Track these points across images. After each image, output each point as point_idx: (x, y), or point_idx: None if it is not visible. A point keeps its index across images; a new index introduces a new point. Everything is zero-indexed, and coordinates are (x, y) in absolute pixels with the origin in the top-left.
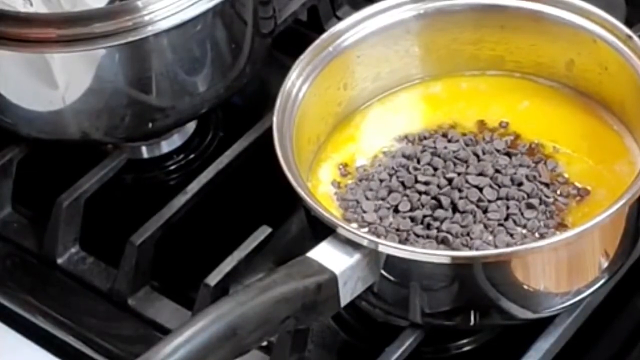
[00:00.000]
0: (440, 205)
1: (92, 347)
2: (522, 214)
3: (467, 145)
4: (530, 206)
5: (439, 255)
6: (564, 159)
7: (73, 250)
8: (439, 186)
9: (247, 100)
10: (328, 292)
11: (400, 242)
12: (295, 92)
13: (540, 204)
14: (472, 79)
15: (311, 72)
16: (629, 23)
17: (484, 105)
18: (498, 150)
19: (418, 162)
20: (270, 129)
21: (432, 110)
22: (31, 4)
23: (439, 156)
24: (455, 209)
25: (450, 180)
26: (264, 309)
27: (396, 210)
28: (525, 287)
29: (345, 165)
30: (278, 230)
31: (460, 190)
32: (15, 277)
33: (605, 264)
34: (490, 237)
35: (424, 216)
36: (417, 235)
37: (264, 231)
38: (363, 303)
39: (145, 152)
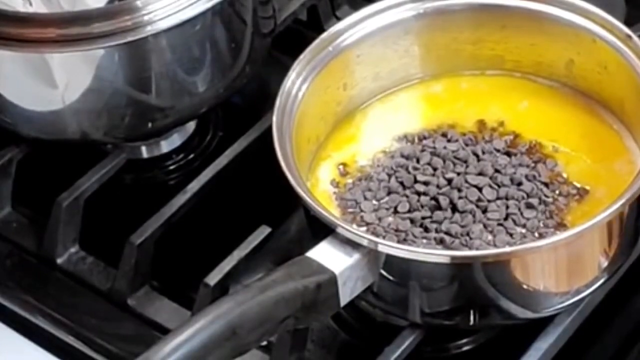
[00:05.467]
0: (439, 206)
1: (92, 347)
2: (521, 213)
3: (466, 145)
4: (529, 206)
5: (439, 255)
6: (563, 159)
7: (73, 250)
8: (438, 186)
9: (247, 100)
10: (327, 291)
11: (399, 242)
12: (295, 92)
13: (539, 203)
14: (472, 79)
15: (311, 71)
16: (628, 23)
17: (484, 105)
18: (497, 150)
19: (417, 161)
20: (270, 129)
21: (432, 110)
22: (31, 4)
23: (438, 156)
24: (454, 208)
25: (449, 180)
26: (264, 308)
27: (395, 211)
28: (525, 286)
29: (345, 164)
30: (277, 230)
31: (459, 190)
32: (15, 277)
33: (604, 264)
34: (490, 237)
35: (423, 217)
36: (416, 236)
37: (263, 231)
38: (362, 303)
39: (144, 152)
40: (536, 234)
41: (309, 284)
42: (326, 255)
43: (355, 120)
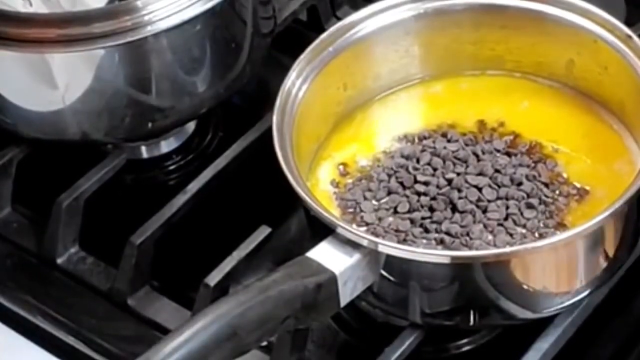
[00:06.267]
0: (439, 206)
1: (92, 347)
2: (521, 213)
3: (466, 145)
4: (529, 206)
5: (439, 255)
6: (563, 159)
7: (73, 250)
8: (438, 186)
9: (247, 100)
10: (328, 292)
11: (399, 242)
12: (295, 92)
13: (539, 203)
14: (472, 79)
15: (311, 72)
16: (628, 23)
17: (484, 105)
18: (498, 150)
19: (417, 162)
20: (270, 129)
21: (432, 110)
22: (31, 4)
23: (438, 156)
24: (454, 209)
25: (449, 181)
26: (264, 309)
27: (395, 211)
28: (525, 287)
29: (345, 165)
30: (278, 230)
31: (459, 190)
32: (15, 277)
33: (604, 264)
34: (490, 237)
35: (423, 217)
36: (416, 236)
37: (263, 231)
38: (363, 303)
39: (144, 152)
40: (536, 234)
41: (309, 284)
42: (326, 255)
43: (355, 121)
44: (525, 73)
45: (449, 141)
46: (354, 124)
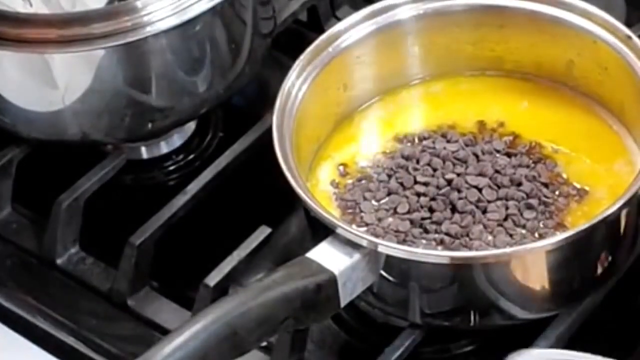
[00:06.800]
0: (439, 206)
1: (92, 347)
2: (521, 214)
3: (466, 145)
4: (529, 206)
5: (438, 256)
6: (563, 159)
7: (73, 250)
8: (438, 187)
9: (247, 100)
10: (328, 292)
11: (398, 243)
12: (295, 92)
13: (539, 204)
14: (472, 79)
15: (311, 72)
16: (628, 23)
17: (484, 105)
18: (497, 151)
19: (417, 162)
20: (270, 129)
21: (432, 110)
22: (31, 5)
23: (438, 156)
24: (454, 209)
25: (449, 181)
26: (264, 309)
27: (395, 211)
28: (525, 287)
29: (345, 165)
30: (278, 230)
31: (459, 191)
32: (15, 277)
33: (605, 264)
34: (490, 238)
35: (423, 218)
36: (416, 236)
37: (263, 231)
38: (362, 303)
39: (144, 153)
40: (536, 235)
41: (309, 284)
42: (326, 255)
43: (355, 121)
44: (525, 73)
45: (448, 142)
46: (354, 125)
